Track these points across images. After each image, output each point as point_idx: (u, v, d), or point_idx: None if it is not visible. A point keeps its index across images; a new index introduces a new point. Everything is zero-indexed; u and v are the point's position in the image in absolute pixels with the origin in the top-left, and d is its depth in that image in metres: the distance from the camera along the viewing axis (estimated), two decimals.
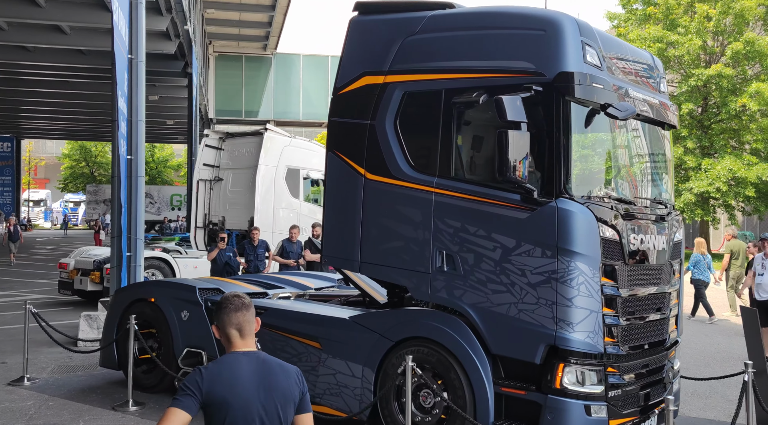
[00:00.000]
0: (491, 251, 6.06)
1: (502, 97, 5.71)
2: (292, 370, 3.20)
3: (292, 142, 17.88)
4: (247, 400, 3.01)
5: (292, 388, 3.14)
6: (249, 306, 3.20)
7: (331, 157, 7.14)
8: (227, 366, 3.07)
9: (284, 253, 12.98)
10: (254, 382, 3.05)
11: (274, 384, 3.08)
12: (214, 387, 2.99)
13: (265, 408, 3.03)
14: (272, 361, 3.17)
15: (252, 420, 3.01)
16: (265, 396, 3.04)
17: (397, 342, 6.55)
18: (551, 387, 5.76)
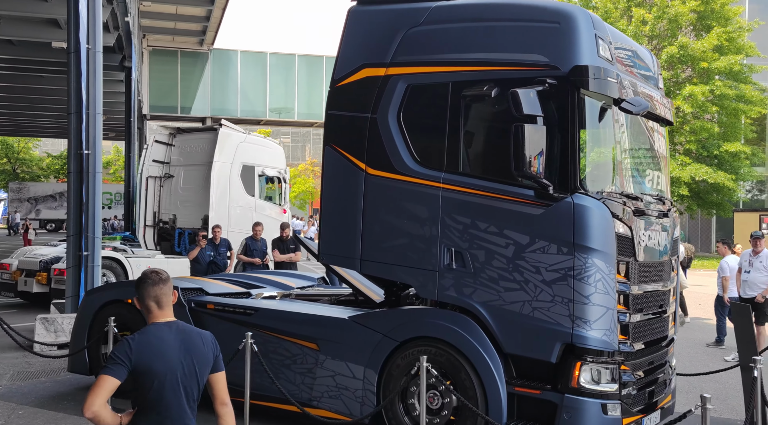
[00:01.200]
0: (503, 248, 5.94)
1: (517, 90, 5.59)
2: (208, 336, 3.61)
3: (247, 138, 17.50)
4: (172, 366, 3.38)
5: (208, 353, 3.54)
6: (166, 280, 3.56)
7: (328, 151, 6.89)
8: (152, 336, 3.42)
9: (248, 252, 12.61)
10: (177, 349, 3.42)
11: (194, 350, 3.47)
12: (141, 356, 3.33)
13: (185, 371, 3.42)
14: (191, 330, 3.57)
15: (176, 383, 3.39)
16: (186, 360, 3.43)
17: (402, 343, 6.35)
18: (568, 386, 5.68)
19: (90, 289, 8.53)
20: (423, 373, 5.78)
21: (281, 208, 18.09)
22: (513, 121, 5.62)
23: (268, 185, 18.17)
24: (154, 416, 3.40)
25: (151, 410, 3.40)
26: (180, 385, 3.40)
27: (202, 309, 7.56)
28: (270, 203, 17.95)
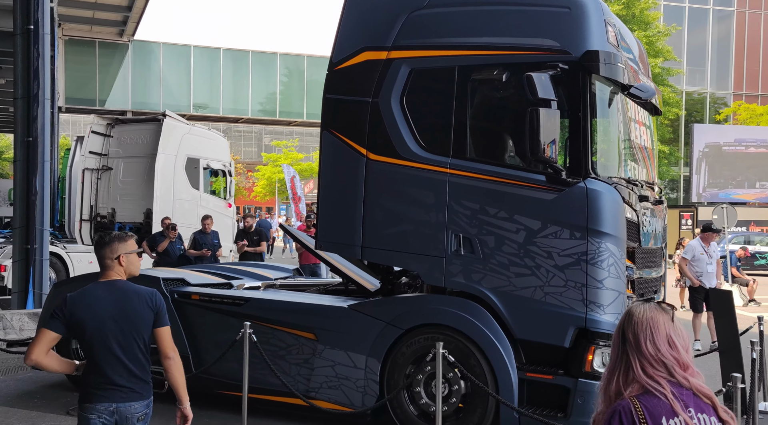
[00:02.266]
0: (514, 233, 5.93)
1: (532, 73, 5.59)
2: (144, 294, 3.76)
3: (191, 130, 16.98)
4: (101, 320, 3.64)
5: (144, 310, 3.71)
6: (108, 243, 3.80)
7: (326, 136, 6.72)
8: (87, 294, 3.73)
9: (197, 246, 12.15)
10: (109, 306, 3.67)
11: (128, 308, 3.69)
12: (74, 311, 3.65)
13: (121, 327, 3.65)
14: (129, 288, 3.77)
15: (105, 336, 3.63)
16: (119, 317, 3.66)
17: (407, 330, 6.26)
18: (581, 370, 5.71)
19: (58, 282, 8.04)
20: (439, 360, 5.69)
21: (226, 201, 17.64)
22: (524, 105, 5.62)
23: (212, 178, 17.67)
24: (92, 365, 3.69)
25: (90, 359, 3.71)
26: (112, 338, 3.64)
27: (186, 300, 7.25)
28: (215, 197, 17.46)
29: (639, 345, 2.24)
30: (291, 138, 58.04)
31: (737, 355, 7.24)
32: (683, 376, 2.21)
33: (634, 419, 2.14)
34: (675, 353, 2.23)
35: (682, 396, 2.18)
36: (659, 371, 2.21)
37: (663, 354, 2.22)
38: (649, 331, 2.25)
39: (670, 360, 2.22)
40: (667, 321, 2.27)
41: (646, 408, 2.14)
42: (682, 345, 2.25)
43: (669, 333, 2.25)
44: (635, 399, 2.17)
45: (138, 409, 3.72)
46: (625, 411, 2.15)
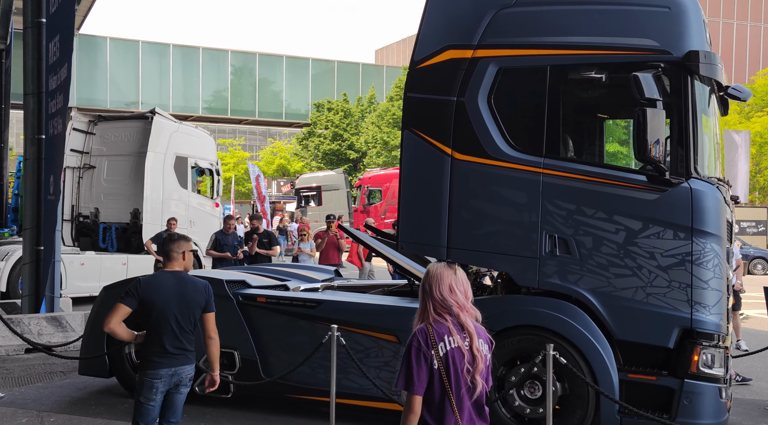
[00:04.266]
0: (613, 234, 5.90)
1: (638, 74, 5.58)
2: (200, 285, 4.75)
3: (179, 128, 16.46)
4: (166, 301, 4.57)
5: (199, 297, 4.69)
6: (177, 240, 4.81)
7: (408, 135, 6.56)
8: (157, 278, 4.70)
9: (218, 247, 11.79)
10: (173, 290, 4.61)
11: (186, 294, 4.64)
12: (146, 292, 4.57)
13: (180, 309, 4.59)
14: (188, 279, 4.72)
15: (167, 316, 4.55)
16: (178, 301, 4.60)
17: (498, 332, 6.17)
18: (686, 371, 5.72)
19: (107, 285, 7.63)
20: (549, 362, 5.62)
21: (213, 201, 17.19)
22: (624, 105, 5.64)
23: (200, 177, 17.19)
24: (156, 337, 4.58)
25: (155, 332, 4.58)
26: (172, 316, 4.56)
27: (252, 303, 6.99)
28: (202, 197, 17.00)
29: (432, 291, 3.25)
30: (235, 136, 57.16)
31: None
32: (458, 313, 3.20)
33: (427, 336, 3.18)
34: (454, 297, 3.22)
35: (456, 322, 3.21)
36: (443, 309, 3.21)
37: (445, 298, 3.21)
38: (437, 281, 3.24)
39: (450, 302, 3.21)
40: (451, 274, 3.26)
41: (435, 330, 3.18)
42: (461, 292, 3.24)
43: (451, 283, 3.24)
44: (429, 324, 3.21)
45: (188, 371, 4.72)
46: (421, 331, 3.20)
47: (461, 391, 3.15)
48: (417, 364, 3.13)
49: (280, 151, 53.88)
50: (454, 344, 3.15)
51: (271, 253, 11.68)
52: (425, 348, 3.14)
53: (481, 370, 3.16)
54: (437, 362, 3.12)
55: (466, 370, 3.14)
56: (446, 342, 3.15)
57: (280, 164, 53.29)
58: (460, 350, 3.15)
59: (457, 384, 3.14)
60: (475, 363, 3.16)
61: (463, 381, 3.15)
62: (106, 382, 7.73)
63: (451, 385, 3.13)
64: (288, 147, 53.71)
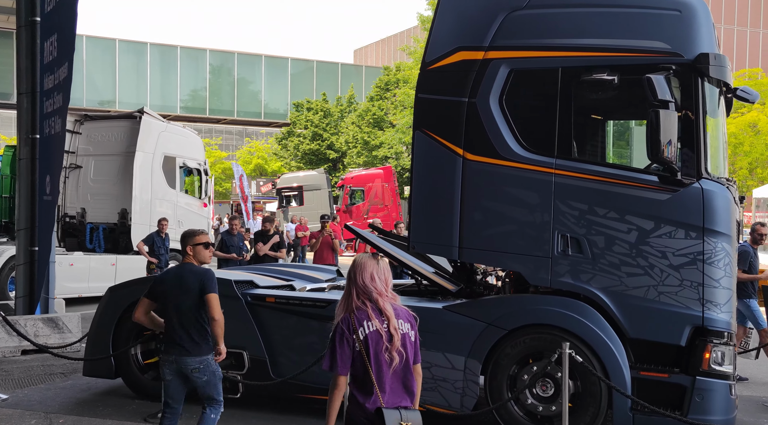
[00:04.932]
0: (625, 233, 5.99)
1: (651, 76, 5.67)
2: (197, 270, 5.17)
3: (167, 127, 16.37)
4: (170, 292, 5.12)
5: (194, 282, 5.08)
6: (186, 237, 5.30)
7: (419, 136, 6.59)
8: (168, 272, 5.29)
9: (224, 247, 11.67)
10: (176, 281, 5.12)
11: (185, 282, 5.09)
12: (159, 285, 5.21)
13: (180, 298, 5.07)
14: (190, 269, 5.18)
15: (169, 307, 5.11)
16: (179, 290, 5.08)
17: (510, 331, 6.23)
18: (698, 368, 5.82)
19: (112, 286, 7.56)
20: (566, 361, 5.68)
21: (202, 201, 17.09)
22: (635, 106, 5.71)
23: (188, 177, 17.07)
24: (166, 321, 5.17)
25: (164, 318, 5.18)
26: (174, 306, 5.07)
27: (260, 303, 6.98)
28: (191, 197, 16.89)
29: (355, 279, 3.66)
30: (212, 136, 56.80)
31: None
32: (377, 299, 3.61)
33: (349, 323, 3.59)
34: (374, 284, 3.63)
35: (375, 308, 3.61)
36: (365, 295, 3.62)
37: (367, 285, 3.62)
38: (360, 270, 3.65)
39: (370, 288, 3.62)
40: (374, 264, 3.69)
41: (356, 317, 3.59)
42: (381, 280, 3.66)
43: (372, 271, 3.65)
44: (351, 313, 3.61)
45: (191, 363, 5.02)
46: (344, 320, 3.61)
47: (381, 367, 3.59)
48: (340, 348, 3.58)
49: (257, 150, 53.65)
50: (373, 327, 3.60)
51: (279, 256, 11.58)
52: (347, 333, 3.59)
53: (397, 347, 3.60)
54: (358, 344, 3.56)
55: (384, 348, 3.59)
56: (365, 327, 3.59)
57: (258, 164, 53.05)
58: (378, 332, 3.60)
59: (377, 361, 3.58)
60: (392, 341, 3.60)
61: (383, 359, 3.59)
62: (109, 383, 7.67)
63: (371, 363, 3.58)
64: (265, 147, 53.49)
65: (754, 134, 33.36)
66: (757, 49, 56.38)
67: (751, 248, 8.85)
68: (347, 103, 48.71)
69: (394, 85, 43.21)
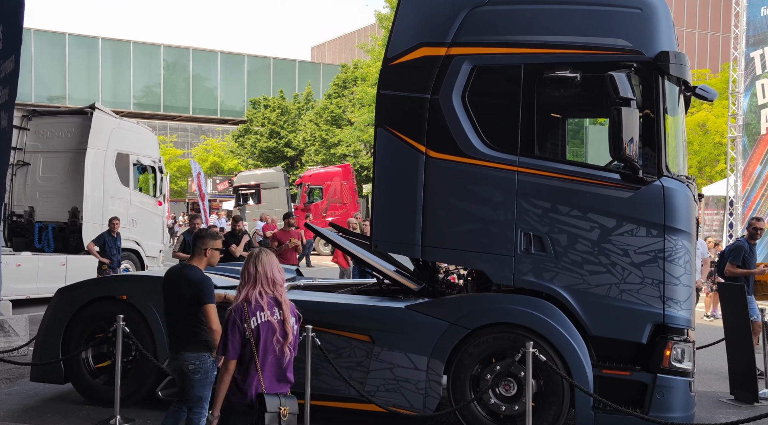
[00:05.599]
0: (588, 231, 5.98)
1: (614, 73, 5.67)
2: (195, 281, 4.99)
3: (120, 123, 15.97)
4: (166, 292, 5.15)
5: (189, 292, 4.97)
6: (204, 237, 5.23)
7: (381, 133, 6.50)
8: (169, 272, 5.26)
9: (187, 247, 11.27)
10: (172, 284, 5.10)
11: (181, 288, 5.01)
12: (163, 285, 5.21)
13: (174, 300, 5.06)
14: (184, 272, 5.08)
15: (169, 304, 5.12)
16: (175, 293, 5.05)
17: (473, 330, 6.17)
18: (659, 366, 5.85)
19: (62, 288, 7.28)
20: (529, 360, 5.64)
21: (156, 199, 16.72)
22: (597, 104, 5.70)
23: (142, 175, 16.69)
24: (167, 319, 5.22)
25: (166, 315, 5.23)
26: (172, 304, 5.08)
27: (221, 302, 6.78)
28: (145, 195, 16.51)
29: (256, 272, 3.97)
30: (167, 133, 55.95)
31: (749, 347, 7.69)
32: (271, 289, 3.95)
33: (242, 312, 3.89)
34: (274, 277, 3.98)
35: (271, 301, 3.95)
36: (268, 286, 3.95)
37: (267, 277, 3.96)
38: (266, 262, 3.99)
39: (262, 278, 3.95)
40: (273, 259, 4.06)
41: (249, 307, 3.89)
42: (279, 274, 4.03)
43: (272, 266, 3.99)
44: (245, 302, 3.93)
45: (188, 359, 4.98)
46: (237, 308, 3.90)
47: (267, 357, 3.89)
48: (232, 334, 3.89)
49: (213, 148, 52.97)
50: (264, 319, 3.90)
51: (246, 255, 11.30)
52: (239, 322, 3.90)
53: (290, 342, 3.92)
54: (248, 333, 3.86)
55: (275, 341, 3.89)
56: (258, 317, 3.88)
57: (214, 162, 52.41)
58: (270, 324, 3.91)
59: (264, 351, 3.88)
60: (286, 336, 3.91)
61: (271, 349, 3.89)
62: (57, 389, 7.40)
63: (258, 352, 3.86)
64: (221, 144, 52.84)
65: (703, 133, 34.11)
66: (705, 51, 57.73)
67: (747, 243, 8.88)
68: (305, 100, 48.40)
69: (352, 82, 43.08)
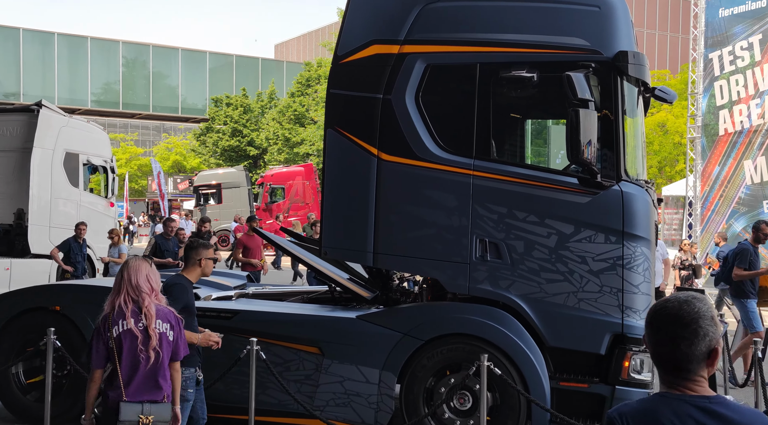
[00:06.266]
0: (545, 238, 5.75)
1: (571, 73, 5.44)
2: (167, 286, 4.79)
3: (69, 122, 15.39)
4: None
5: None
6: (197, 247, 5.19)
7: (331, 135, 6.19)
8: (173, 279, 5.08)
9: (159, 252, 10.75)
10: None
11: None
12: None
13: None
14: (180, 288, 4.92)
15: None
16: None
17: (427, 341, 5.90)
18: (618, 377, 5.64)
19: (2, 294, 6.84)
20: (484, 373, 5.39)
21: (108, 200, 16.18)
22: (554, 104, 5.49)
23: (93, 175, 16.13)
24: None
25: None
26: None
27: None
28: (96, 196, 15.95)
29: (129, 279, 4.00)
30: (128, 131, 54.92)
31: None
32: (143, 299, 3.97)
33: (106, 321, 3.95)
34: (147, 285, 4.01)
35: (135, 308, 3.97)
36: (133, 294, 3.98)
37: (140, 285, 3.99)
38: (135, 270, 4.03)
39: (142, 288, 3.99)
40: (147, 267, 4.09)
41: (114, 316, 3.95)
42: (153, 281, 4.05)
43: (147, 273, 4.04)
44: (111, 312, 3.97)
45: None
46: (103, 318, 3.97)
47: (132, 365, 3.93)
48: (96, 344, 3.95)
49: (175, 146, 52.09)
50: (126, 327, 3.92)
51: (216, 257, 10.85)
52: (103, 331, 3.94)
53: (154, 345, 3.92)
54: (111, 342, 3.91)
55: (139, 349, 3.91)
56: (120, 326, 3.93)
57: (176, 160, 51.54)
58: (131, 331, 3.92)
59: (129, 359, 3.93)
60: (148, 341, 3.92)
61: (135, 358, 3.93)
62: None
63: (121, 360, 3.92)
64: (184, 143, 52.00)
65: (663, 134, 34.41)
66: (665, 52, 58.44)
67: (751, 247, 8.72)
68: (268, 98, 47.82)
69: (316, 81, 42.64)
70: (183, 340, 4.13)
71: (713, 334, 1.99)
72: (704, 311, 2.00)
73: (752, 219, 15.74)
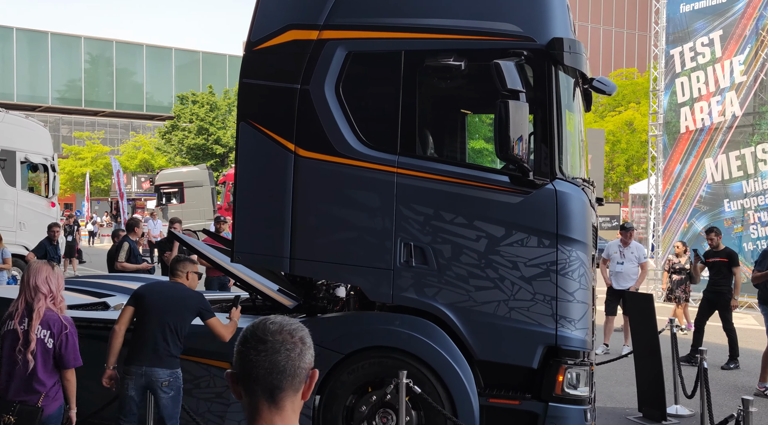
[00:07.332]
0: (474, 241, 5.27)
1: (500, 62, 4.96)
2: (196, 298, 5.22)
3: (5, 117, 14.66)
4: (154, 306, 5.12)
5: (193, 307, 5.18)
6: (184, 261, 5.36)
7: (244, 128, 5.65)
8: (154, 286, 5.35)
9: (133, 256, 9.79)
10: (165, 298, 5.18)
11: (180, 303, 5.15)
12: (145, 298, 5.19)
13: (167, 314, 5.08)
14: (183, 291, 5.21)
15: (154, 318, 5.04)
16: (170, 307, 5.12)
17: (347, 356, 5.40)
18: (551, 393, 5.17)
19: None
20: (402, 391, 4.90)
21: (49, 200, 15.47)
22: (483, 95, 5.04)
23: (32, 174, 15.42)
24: (143, 333, 5.08)
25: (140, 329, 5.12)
26: (160, 318, 5.00)
27: None
28: (35, 196, 15.24)
29: (28, 281, 4.04)
30: (93, 129, 53.76)
31: (656, 362, 7.13)
32: (38, 302, 3.98)
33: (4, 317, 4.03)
34: (45, 287, 4.04)
35: (25, 310, 4.00)
36: (29, 297, 4.00)
37: (39, 286, 4.02)
38: (35, 273, 4.05)
39: (40, 290, 4.02)
40: (49, 269, 4.12)
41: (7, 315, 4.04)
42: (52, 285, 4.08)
43: (47, 276, 4.08)
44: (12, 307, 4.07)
45: (162, 375, 4.92)
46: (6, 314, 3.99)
47: (12, 365, 3.97)
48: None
49: (143, 145, 51.10)
50: (11, 327, 3.99)
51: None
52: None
53: (32, 350, 3.92)
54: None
55: (18, 350, 3.93)
56: (6, 325, 4.01)
57: (144, 159, 50.54)
58: (14, 332, 3.97)
59: (8, 357, 3.99)
60: (27, 345, 3.92)
61: (13, 358, 3.96)
62: None
63: (3, 358, 4.00)
64: (152, 141, 51.04)
65: (631, 132, 34.29)
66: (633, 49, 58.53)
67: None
68: (235, 96, 47.00)
69: None
70: (71, 349, 4.10)
71: None
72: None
73: (713, 218, 15.45)
